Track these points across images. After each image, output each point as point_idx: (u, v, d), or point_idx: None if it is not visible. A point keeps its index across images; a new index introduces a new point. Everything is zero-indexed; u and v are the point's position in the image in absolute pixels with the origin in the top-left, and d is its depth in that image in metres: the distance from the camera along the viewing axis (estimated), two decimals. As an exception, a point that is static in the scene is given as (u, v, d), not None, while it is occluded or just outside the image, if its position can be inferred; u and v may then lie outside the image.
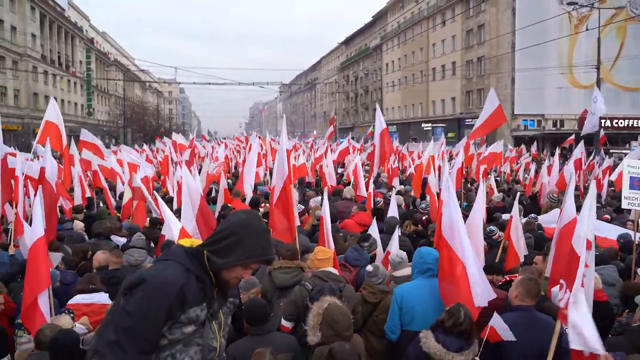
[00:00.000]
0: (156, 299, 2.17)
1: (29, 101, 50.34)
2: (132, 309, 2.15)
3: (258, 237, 2.37)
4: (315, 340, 4.19)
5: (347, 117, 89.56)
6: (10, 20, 47.37)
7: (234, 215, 2.46)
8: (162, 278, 2.21)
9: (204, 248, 2.36)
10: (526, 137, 41.83)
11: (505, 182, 18.98)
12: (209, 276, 2.34)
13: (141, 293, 2.17)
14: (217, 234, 2.38)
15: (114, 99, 79.08)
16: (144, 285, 2.18)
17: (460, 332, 4.00)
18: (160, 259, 2.38)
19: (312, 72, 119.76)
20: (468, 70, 53.08)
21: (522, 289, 4.36)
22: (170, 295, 2.18)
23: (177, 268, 2.27)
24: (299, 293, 5.11)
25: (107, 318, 2.30)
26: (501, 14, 48.36)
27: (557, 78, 45.04)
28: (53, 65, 56.55)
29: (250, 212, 2.54)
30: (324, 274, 5.24)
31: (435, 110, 59.52)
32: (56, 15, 57.08)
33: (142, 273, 2.26)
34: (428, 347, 4.00)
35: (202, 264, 2.32)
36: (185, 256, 2.33)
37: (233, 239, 2.32)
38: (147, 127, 74.28)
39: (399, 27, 67.66)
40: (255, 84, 51.18)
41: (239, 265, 2.35)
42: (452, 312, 4.10)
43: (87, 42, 68.21)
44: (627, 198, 7.31)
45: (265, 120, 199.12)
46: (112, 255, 6.35)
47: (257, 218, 2.47)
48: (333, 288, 4.95)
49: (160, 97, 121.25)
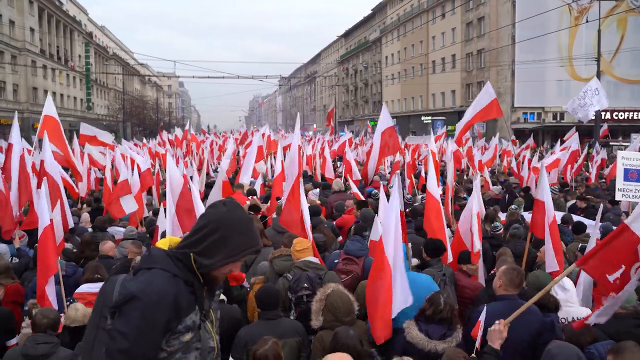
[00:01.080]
0: (151, 315, 2.04)
1: (28, 95, 50.22)
2: (126, 330, 2.02)
3: (244, 229, 2.23)
4: (317, 325, 4.36)
5: (346, 111, 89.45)
6: (8, 15, 47.18)
7: (214, 208, 2.28)
8: (153, 292, 2.06)
9: (189, 249, 2.20)
10: (526, 130, 41.75)
11: (501, 173, 18.97)
12: (197, 278, 2.22)
13: (134, 312, 2.03)
14: (200, 231, 2.21)
15: (113, 93, 78.90)
16: (134, 302, 2.04)
17: (441, 319, 4.10)
18: (142, 267, 2.20)
19: (311, 65, 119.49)
20: (468, 63, 52.97)
21: (505, 279, 4.39)
22: (165, 309, 2.07)
23: (164, 276, 2.13)
24: (282, 285, 5.26)
25: (90, 336, 2.14)
26: (501, 6, 48.21)
27: (557, 71, 44.92)
28: (52, 59, 56.38)
29: (230, 201, 2.36)
30: (304, 263, 5.40)
31: (435, 103, 59.44)
32: (54, 9, 56.85)
33: (129, 288, 2.09)
34: (412, 337, 4.09)
35: (188, 266, 2.18)
36: (169, 261, 2.18)
37: (218, 235, 2.18)
38: (147, 121, 74.17)
39: (398, 19, 67.45)
40: (254, 77, 51.05)
41: (229, 263, 2.24)
42: (432, 300, 4.19)
43: (85, 36, 67.97)
44: (620, 190, 7.43)
45: (265, 113, 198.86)
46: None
47: (239, 207, 2.34)
48: (310, 277, 5.14)
49: (160, 91, 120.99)
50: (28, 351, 3.93)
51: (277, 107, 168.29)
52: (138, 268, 2.22)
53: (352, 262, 6.04)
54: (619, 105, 42.21)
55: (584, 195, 12.50)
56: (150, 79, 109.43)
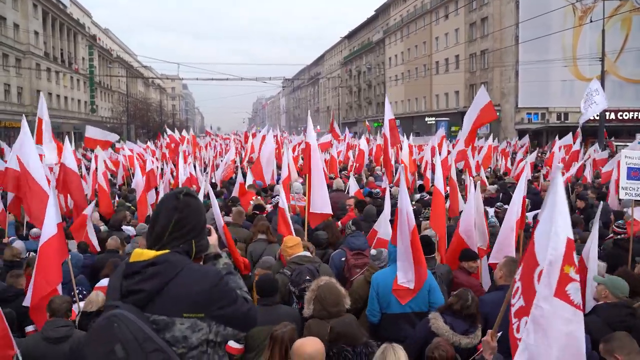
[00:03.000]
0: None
1: (33, 98, 50.35)
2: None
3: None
4: (308, 313, 4.60)
5: (350, 112, 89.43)
6: (13, 18, 47.37)
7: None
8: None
9: (185, 239, 2.35)
10: (530, 130, 41.64)
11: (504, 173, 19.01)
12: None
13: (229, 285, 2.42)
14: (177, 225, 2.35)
15: (117, 95, 79.11)
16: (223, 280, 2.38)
17: (467, 315, 4.30)
18: (176, 271, 2.26)
19: (315, 67, 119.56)
20: (471, 64, 52.89)
21: (505, 270, 4.78)
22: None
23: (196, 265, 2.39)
24: (281, 281, 5.52)
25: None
26: (504, 7, 48.12)
27: (561, 71, 44.78)
28: (56, 62, 56.57)
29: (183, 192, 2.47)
30: (299, 258, 5.79)
31: (438, 104, 59.37)
32: (58, 12, 57.06)
33: (215, 270, 2.43)
34: (437, 327, 4.24)
35: (190, 255, 2.36)
36: (184, 257, 2.33)
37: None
38: (151, 124, 74.33)
39: (401, 20, 67.41)
40: (258, 79, 50.96)
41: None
42: (460, 295, 4.40)
43: (89, 39, 68.20)
44: (624, 188, 7.55)
45: (268, 115, 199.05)
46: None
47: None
48: (310, 269, 5.51)
49: (163, 93, 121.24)
50: (49, 334, 4.32)
51: (281, 108, 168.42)
52: (173, 273, 2.25)
53: (362, 256, 6.45)
54: (623, 105, 42.06)
55: (582, 195, 12.47)
56: (154, 81, 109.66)
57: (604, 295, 4.77)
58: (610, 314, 4.54)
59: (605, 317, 4.50)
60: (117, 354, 2.06)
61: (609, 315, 4.52)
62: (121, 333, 2.08)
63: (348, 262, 6.46)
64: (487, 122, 12.15)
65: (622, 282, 4.84)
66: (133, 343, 2.08)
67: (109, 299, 2.31)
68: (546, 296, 2.96)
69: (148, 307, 2.21)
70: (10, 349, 3.87)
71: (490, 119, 11.26)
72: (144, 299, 2.21)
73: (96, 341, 2.13)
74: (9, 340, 3.88)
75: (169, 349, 2.16)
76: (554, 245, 2.98)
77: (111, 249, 7.45)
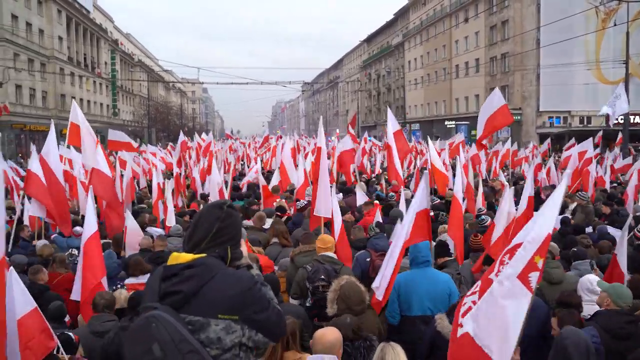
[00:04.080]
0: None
1: (57, 102, 51.32)
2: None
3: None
4: (332, 312, 4.76)
5: (369, 116, 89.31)
6: (38, 24, 48.33)
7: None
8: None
9: (222, 246, 2.45)
10: (552, 134, 41.13)
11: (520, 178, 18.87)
12: None
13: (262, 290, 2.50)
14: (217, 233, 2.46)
15: (138, 99, 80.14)
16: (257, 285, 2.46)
17: None
18: (212, 274, 2.35)
19: (334, 71, 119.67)
20: (492, 67, 52.47)
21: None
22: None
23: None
24: (301, 275, 5.85)
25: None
26: (525, 10, 47.66)
27: (584, 74, 44.15)
28: (79, 66, 57.53)
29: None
30: (322, 257, 5.97)
31: (458, 107, 58.97)
32: (82, 17, 58.06)
33: (251, 275, 2.50)
34: (442, 327, 4.35)
35: (225, 260, 2.45)
36: (220, 261, 2.43)
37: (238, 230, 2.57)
38: (171, 127, 75.17)
39: (421, 24, 67.15)
40: (278, 83, 51.18)
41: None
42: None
43: (111, 44, 69.24)
44: None
45: (287, 118, 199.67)
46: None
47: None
48: (328, 269, 5.68)
49: (184, 97, 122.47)
50: (96, 328, 4.71)
51: (300, 112, 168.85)
52: (210, 276, 2.34)
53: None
54: (647, 108, 41.33)
55: (607, 201, 12.26)
56: (175, 85, 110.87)
57: (606, 303, 4.78)
58: (610, 321, 4.53)
59: (604, 324, 4.51)
60: (154, 353, 2.14)
61: (608, 322, 4.53)
62: (159, 333, 2.17)
63: (373, 263, 6.63)
64: (503, 126, 12.05)
65: (626, 290, 4.81)
66: (170, 343, 2.16)
67: (146, 301, 2.38)
68: (509, 275, 3.29)
69: (184, 308, 2.28)
70: (51, 341, 4.03)
71: (506, 123, 11.13)
72: (181, 300, 2.28)
73: (134, 340, 2.22)
74: (49, 333, 4.03)
75: (204, 351, 2.22)
76: (536, 235, 3.28)
77: (144, 247, 7.74)
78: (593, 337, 4.14)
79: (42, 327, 4.00)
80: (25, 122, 44.57)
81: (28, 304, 4.01)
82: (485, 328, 3.35)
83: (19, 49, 44.13)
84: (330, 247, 6.17)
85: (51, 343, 4.01)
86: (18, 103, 44.13)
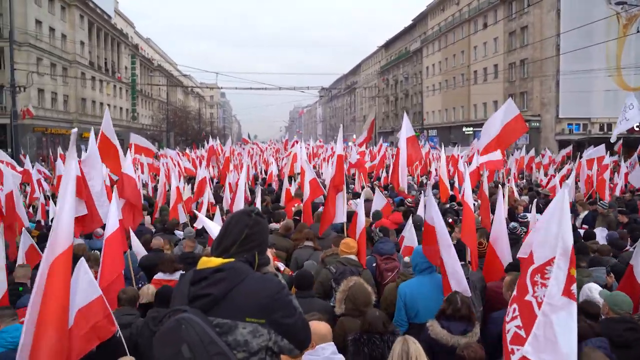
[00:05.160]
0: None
1: (78, 106, 52.12)
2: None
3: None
4: (340, 311, 5.00)
5: (386, 121, 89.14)
6: (61, 29, 49.20)
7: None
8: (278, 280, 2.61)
9: (250, 252, 2.51)
10: (572, 141, 40.65)
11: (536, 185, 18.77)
12: None
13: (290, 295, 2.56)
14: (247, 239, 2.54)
15: (157, 103, 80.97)
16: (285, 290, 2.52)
17: (461, 317, 4.56)
18: (240, 278, 2.42)
19: (352, 76, 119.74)
20: (511, 73, 52.07)
21: (511, 290, 5.00)
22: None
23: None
24: (325, 275, 6.14)
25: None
26: (545, 15, 47.23)
27: (605, 80, 43.59)
28: (100, 71, 58.39)
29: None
30: (346, 260, 6.31)
31: (477, 113, 58.58)
32: (103, 22, 58.96)
33: (279, 280, 2.58)
34: (435, 333, 4.52)
35: (253, 265, 2.51)
36: (248, 266, 2.49)
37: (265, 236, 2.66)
38: (189, 131, 75.73)
39: (439, 30, 66.96)
40: (296, 88, 51.42)
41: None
42: (450, 300, 4.69)
43: (132, 49, 70.14)
44: None
45: (305, 124, 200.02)
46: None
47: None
48: (353, 271, 5.98)
49: (202, 101, 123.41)
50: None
51: (318, 117, 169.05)
52: (239, 279, 2.40)
53: (391, 260, 6.85)
54: (670, 116, 40.63)
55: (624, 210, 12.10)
56: (193, 89, 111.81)
57: (605, 311, 4.88)
58: (608, 329, 4.58)
59: (605, 333, 4.54)
60: (183, 355, 2.21)
61: (606, 330, 4.57)
62: (188, 335, 2.23)
63: (379, 267, 6.80)
64: (519, 137, 11.93)
65: (623, 298, 4.91)
66: (199, 345, 2.22)
67: (176, 303, 2.45)
68: (553, 294, 3.39)
69: (213, 311, 2.34)
70: (113, 326, 4.48)
71: (522, 133, 10.93)
72: (210, 302, 2.35)
73: (164, 341, 2.29)
74: (111, 319, 4.47)
75: (231, 353, 2.27)
76: (565, 248, 3.40)
77: (155, 248, 8.03)
78: (602, 348, 4.15)
79: (105, 313, 4.45)
80: (47, 126, 45.32)
81: (95, 291, 4.46)
82: (544, 348, 3.40)
83: (42, 53, 44.98)
84: (354, 251, 6.48)
85: (113, 327, 4.48)
86: (40, 107, 44.93)
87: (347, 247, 6.50)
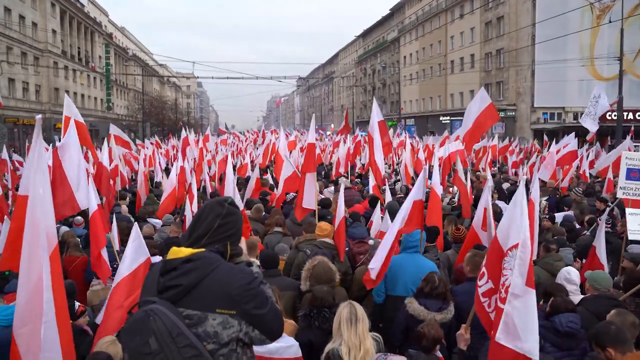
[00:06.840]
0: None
1: (50, 96, 51.01)
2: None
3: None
4: (304, 288, 5.37)
5: (364, 111, 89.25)
6: (31, 17, 47.99)
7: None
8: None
9: (222, 242, 2.47)
10: (546, 130, 41.26)
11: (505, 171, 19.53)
12: None
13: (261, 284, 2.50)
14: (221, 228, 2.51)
15: (132, 93, 79.80)
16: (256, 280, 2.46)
17: (437, 295, 4.92)
18: (212, 268, 2.35)
19: (329, 66, 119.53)
20: (487, 63, 52.55)
21: (471, 265, 5.52)
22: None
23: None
24: (301, 257, 6.44)
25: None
26: (521, 6, 47.69)
27: (578, 70, 44.24)
28: (73, 60, 57.20)
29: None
30: (320, 243, 6.69)
31: (453, 103, 59.07)
32: (76, 11, 57.67)
33: (250, 270, 2.50)
34: (413, 309, 4.90)
35: (224, 256, 2.46)
36: (220, 257, 2.44)
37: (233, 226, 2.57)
38: (166, 121, 74.83)
39: (417, 19, 67.13)
40: (273, 78, 51.02)
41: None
42: (428, 279, 5.05)
43: (106, 38, 68.84)
44: (622, 188, 8.11)
45: (282, 113, 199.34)
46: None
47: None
48: (326, 254, 6.12)
49: (179, 91, 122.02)
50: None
51: (295, 107, 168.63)
52: (209, 270, 2.35)
53: (363, 243, 7.21)
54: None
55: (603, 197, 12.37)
56: (169, 79, 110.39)
57: (587, 288, 5.28)
58: (597, 305, 4.86)
59: (592, 309, 4.82)
60: (150, 346, 2.17)
61: (595, 306, 4.84)
62: (156, 327, 2.19)
63: (352, 250, 7.12)
64: (491, 125, 12.22)
65: (602, 275, 5.33)
66: (167, 337, 2.18)
67: (145, 295, 2.39)
68: (518, 284, 3.59)
69: (182, 302, 2.30)
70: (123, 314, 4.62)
71: (494, 122, 11.11)
72: (179, 293, 2.30)
73: (132, 332, 2.24)
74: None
75: (200, 345, 2.23)
76: (525, 239, 3.61)
77: (146, 235, 8.01)
78: (570, 322, 4.37)
79: (133, 299, 4.62)
80: (19, 116, 44.31)
81: (127, 269, 4.84)
82: (514, 334, 3.59)
83: (12, 42, 43.83)
84: (328, 233, 6.75)
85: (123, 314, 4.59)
86: (11, 97, 43.86)
87: (321, 230, 6.77)
